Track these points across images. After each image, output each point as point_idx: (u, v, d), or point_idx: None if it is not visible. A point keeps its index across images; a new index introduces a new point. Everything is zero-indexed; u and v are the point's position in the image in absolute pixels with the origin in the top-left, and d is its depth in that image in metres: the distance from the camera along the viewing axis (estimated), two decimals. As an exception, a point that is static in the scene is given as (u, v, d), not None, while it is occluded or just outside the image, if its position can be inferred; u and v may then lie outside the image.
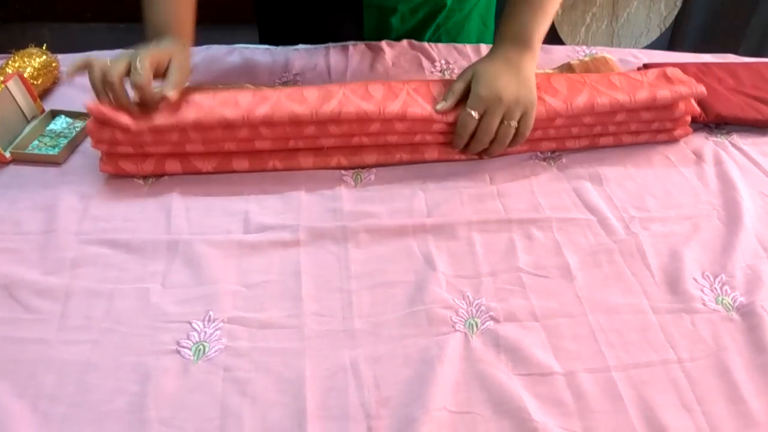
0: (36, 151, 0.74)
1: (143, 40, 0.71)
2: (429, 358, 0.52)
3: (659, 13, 1.95)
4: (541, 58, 0.98)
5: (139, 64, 0.65)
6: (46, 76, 0.85)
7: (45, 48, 0.88)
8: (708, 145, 0.79)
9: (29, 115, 0.78)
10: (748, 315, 0.57)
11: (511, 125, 0.70)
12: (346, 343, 0.54)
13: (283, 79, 0.90)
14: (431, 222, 0.66)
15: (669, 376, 0.52)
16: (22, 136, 0.75)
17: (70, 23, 2.42)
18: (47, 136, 0.76)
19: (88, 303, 0.56)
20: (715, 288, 0.60)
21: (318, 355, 0.53)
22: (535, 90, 0.71)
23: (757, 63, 0.94)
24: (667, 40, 2.06)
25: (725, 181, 0.73)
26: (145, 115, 0.67)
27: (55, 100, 0.84)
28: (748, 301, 0.58)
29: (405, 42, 0.98)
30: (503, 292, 0.58)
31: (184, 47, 0.74)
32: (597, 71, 0.89)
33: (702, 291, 0.59)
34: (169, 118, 0.67)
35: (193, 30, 0.77)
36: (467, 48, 0.98)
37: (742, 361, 0.53)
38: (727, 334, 0.55)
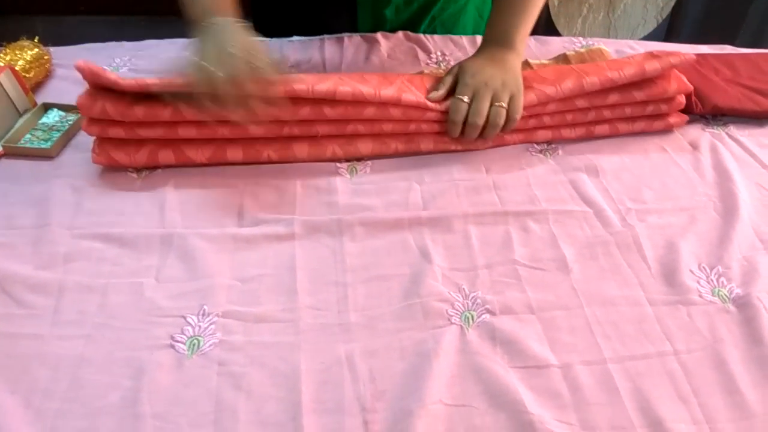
0: (28, 145, 0.73)
1: (139, 32, 0.70)
2: (425, 351, 0.52)
3: (656, 5, 1.95)
4: (538, 49, 0.98)
5: (260, 62, 0.63)
6: (38, 69, 0.84)
7: (37, 40, 0.87)
8: (704, 137, 0.79)
9: (21, 108, 0.78)
10: (744, 307, 0.57)
11: (501, 107, 0.72)
12: (341, 336, 0.54)
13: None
14: (427, 215, 0.65)
15: (665, 368, 0.52)
16: (14, 130, 0.75)
17: (62, 15, 2.41)
18: (40, 130, 0.76)
19: (81, 297, 0.56)
20: (711, 280, 0.60)
21: (313, 348, 0.53)
22: (520, 78, 0.75)
23: (754, 54, 0.94)
24: (664, 31, 2.05)
25: (722, 173, 0.73)
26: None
27: (48, 93, 0.84)
28: (745, 293, 0.58)
29: (400, 33, 0.98)
30: (499, 285, 0.58)
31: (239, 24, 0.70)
32: (592, 62, 0.88)
33: (698, 283, 0.59)
34: (156, 83, 0.66)
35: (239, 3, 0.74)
36: (463, 39, 0.98)
37: (738, 352, 0.53)
38: (723, 326, 0.55)
